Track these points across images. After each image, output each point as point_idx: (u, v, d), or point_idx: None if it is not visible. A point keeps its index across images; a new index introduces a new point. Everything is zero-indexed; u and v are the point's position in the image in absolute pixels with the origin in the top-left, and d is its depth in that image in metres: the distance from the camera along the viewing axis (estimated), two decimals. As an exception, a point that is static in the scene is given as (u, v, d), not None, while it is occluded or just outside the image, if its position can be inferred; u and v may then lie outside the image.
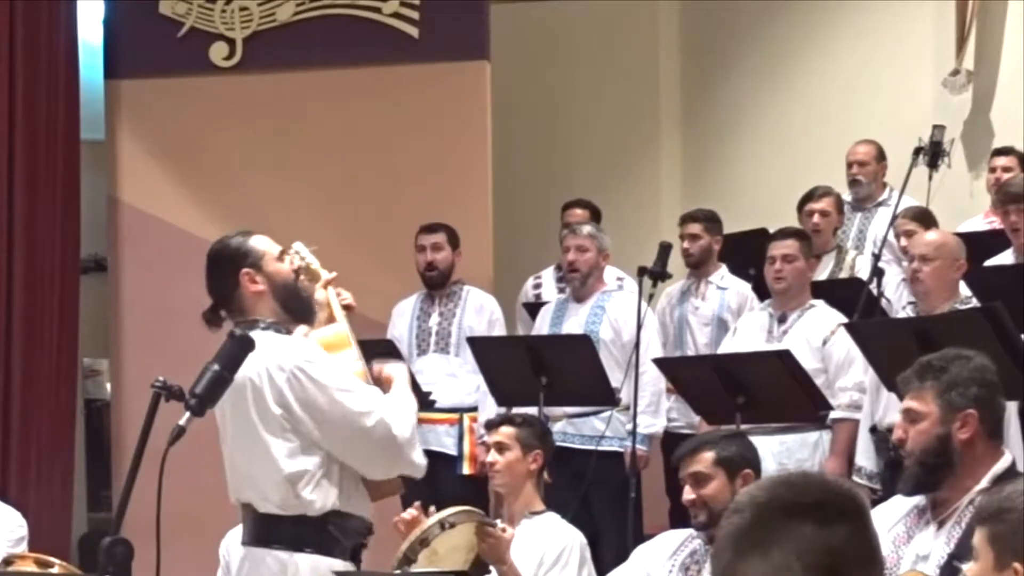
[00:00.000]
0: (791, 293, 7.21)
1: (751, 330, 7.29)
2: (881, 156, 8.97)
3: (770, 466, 6.98)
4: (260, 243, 4.69)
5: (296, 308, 4.67)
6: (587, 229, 7.98)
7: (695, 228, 8.41)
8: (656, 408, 7.65)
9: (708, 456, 5.01)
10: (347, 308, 4.97)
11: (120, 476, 8.42)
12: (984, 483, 3.93)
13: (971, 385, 4.00)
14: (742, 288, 8.26)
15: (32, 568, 5.58)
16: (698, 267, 8.38)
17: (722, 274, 8.37)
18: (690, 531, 5.13)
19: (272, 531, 4.56)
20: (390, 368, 4.81)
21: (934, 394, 4.00)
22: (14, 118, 8.72)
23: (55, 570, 5.56)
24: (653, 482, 7.85)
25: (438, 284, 8.15)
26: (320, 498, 4.52)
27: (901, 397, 4.16)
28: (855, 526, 2.23)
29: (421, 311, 8.18)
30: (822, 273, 8.13)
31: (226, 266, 4.64)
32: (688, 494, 4.99)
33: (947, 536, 3.90)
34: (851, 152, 9.01)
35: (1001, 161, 8.79)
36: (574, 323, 7.76)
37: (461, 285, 8.21)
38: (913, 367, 4.10)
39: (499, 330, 8.14)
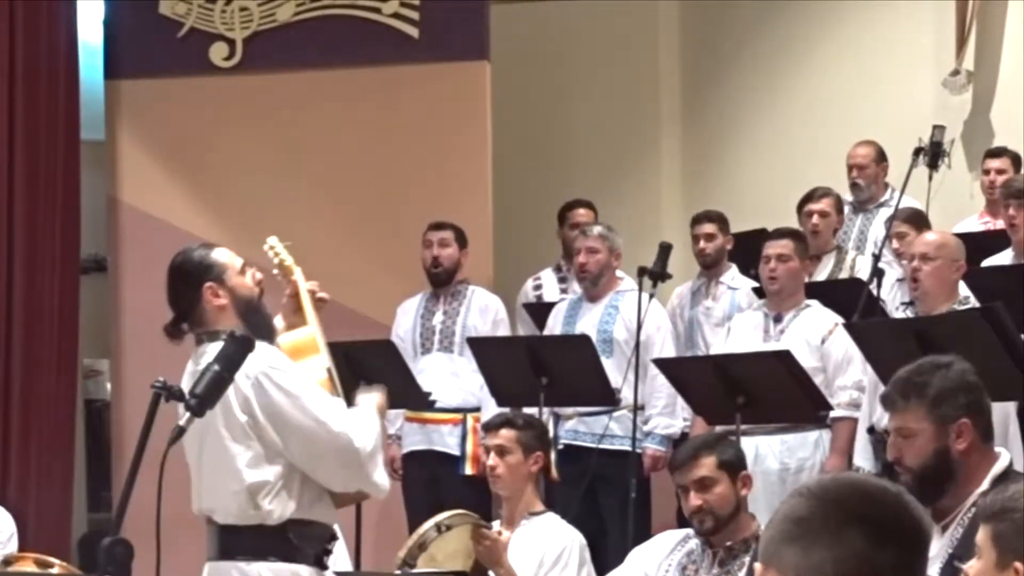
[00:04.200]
0: (785, 293, 7.21)
1: (746, 330, 7.28)
2: (881, 157, 8.95)
3: (772, 465, 7.01)
4: (223, 257, 4.68)
5: (256, 323, 4.64)
6: (597, 230, 7.94)
7: (710, 228, 8.39)
8: (673, 409, 7.64)
9: (710, 460, 4.98)
10: (320, 301, 4.97)
11: (120, 476, 8.42)
12: (985, 485, 3.91)
13: (958, 394, 3.94)
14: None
15: (32, 568, 5.59)
16: (712, 267, 8.37)
17: (733, 274, 8.37)
18: (687, 531, 5.12)
19: (232, 542, 4.56)
20: (362, 397, 4.79)
21: (924, 411, 3.93)
22: (14, 118, 8.72)
23: (55, 570, 5.56)
24: (665, 482, 7.85)
25: (443, 281, 8.14)
26: (278, 508, 4.52)
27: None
28: (906, 555, 2.23)
29: (425, 310, 8.17)
30: (822, 274, 8.13)
31: (189, 279, 4.63)
32: (694, 500, 4.93)
33: (950, 539, 3.89)
34: (850, 155, 8.99)
35: (995, 163, 8.79)
36: (587, 323, 7.74)
37: (466, 285, 8.20)
38: (892, 386, 4.04)
39: (503, 330, 8.13)
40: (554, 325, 7.92)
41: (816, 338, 7.06)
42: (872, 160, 8.92)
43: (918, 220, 8.01)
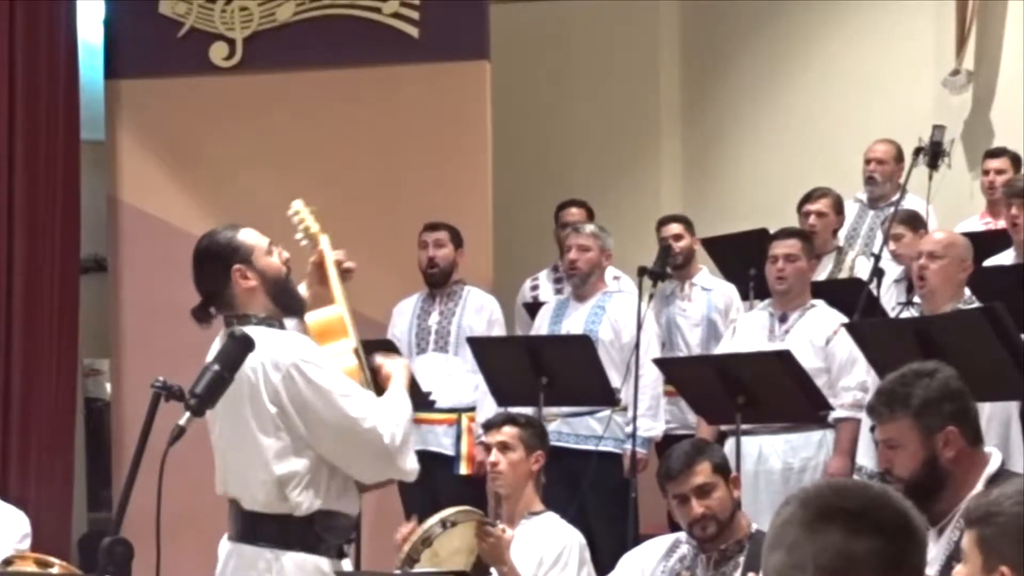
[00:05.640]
0: (792, 293, 7.20)
1: (752, 329, 7.27)
2: (899, 156, 8.95)
3: (776, 465, 7.00)
4: (249, 237, 4.62)
5: (287, 302, 4.62)
6: (590, 228, 7.98)
7: (677, 228, 8.48)
8: (656, 411, 7.65)
9: (706, 466, 4.98)
10: (347, 272, 4.95)
11: (120, 476, 8.42)
12: (979, 486, 3.90)
13: (942, 403, 3.94)
14: (727, 289, 8.31)
15: (32, 568, 5.58)
16: (682, 268, 8.39)
17: (704, 275, 8.43)
18: (676, 536, 5.11)
19: (259, 529, 4.53)
20: (390, 365, 4.78)
21: (909, 423, 3.93)
22: (14, 118, 8.72)
23: (55, 570, 5.56)
24: (650, 484, 7.84)
25: (440, 282, 8.14)
26: (307, 500, 4.49)
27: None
28: (887, 541, 2.28)
29: (421, 310, 8.18)
30: (821, 273, 8.14)
31: (217, 262, 4.57)
32: (697, 508, 4.92)
33: (947, 542, 3.88)
34: (870, 149, 9.01)
35: (994, 163, 8.80)
36: (574, 322, 7.75)
37: (462, 285, 8.21)
38: (877, 396, 4.04)
39: (499, 330, 8.14)
40: (541, 325, 7.94)
41: (820, 338, 7.05)
42: (892, 157, 8.93)
43: (913, 221, 8.02)
